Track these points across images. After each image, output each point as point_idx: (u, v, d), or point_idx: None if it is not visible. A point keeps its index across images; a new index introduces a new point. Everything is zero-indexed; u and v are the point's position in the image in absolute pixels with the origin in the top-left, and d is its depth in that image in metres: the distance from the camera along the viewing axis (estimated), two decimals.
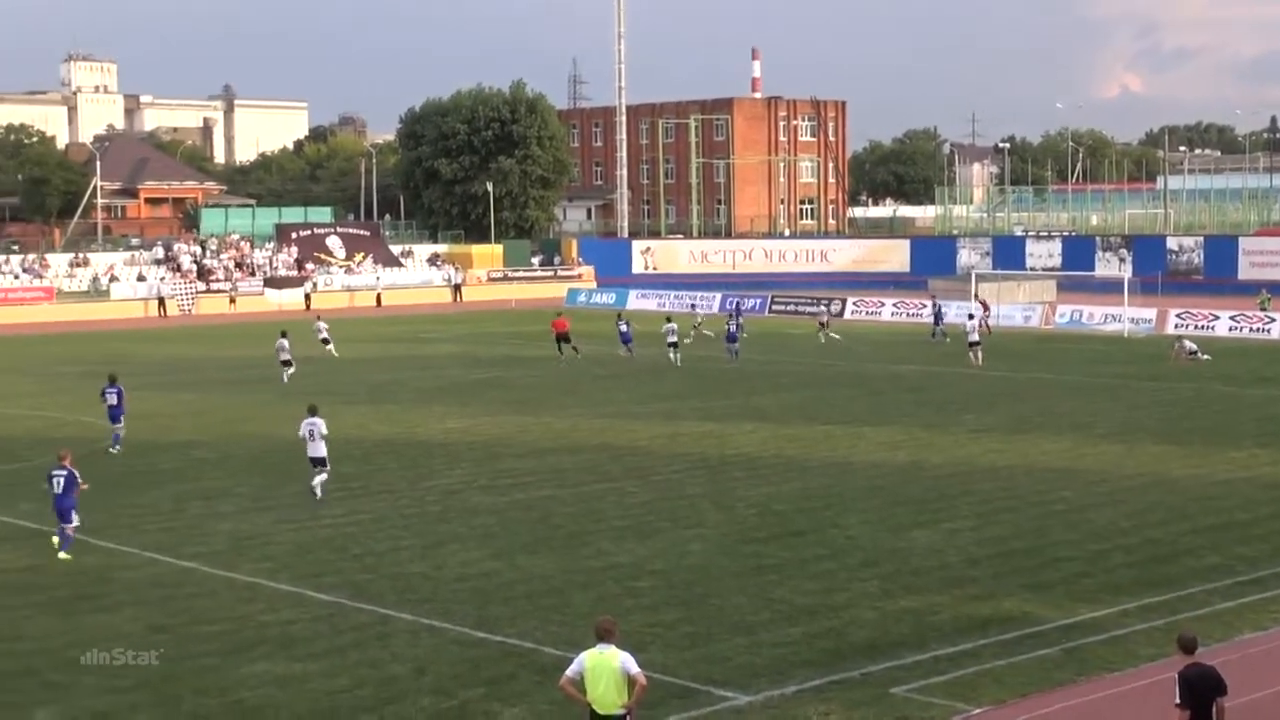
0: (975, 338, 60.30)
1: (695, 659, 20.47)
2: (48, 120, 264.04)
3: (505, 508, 31.15)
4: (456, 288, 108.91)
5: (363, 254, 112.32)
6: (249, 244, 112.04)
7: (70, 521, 27.24)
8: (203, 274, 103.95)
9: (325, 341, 63.52)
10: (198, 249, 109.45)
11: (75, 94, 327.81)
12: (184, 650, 21.05)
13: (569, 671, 15.19)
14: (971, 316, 62.70)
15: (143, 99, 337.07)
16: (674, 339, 59.82)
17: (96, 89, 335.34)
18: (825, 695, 19.01)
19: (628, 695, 15.03)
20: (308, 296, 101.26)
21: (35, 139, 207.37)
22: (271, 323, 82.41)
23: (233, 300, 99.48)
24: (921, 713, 18.37)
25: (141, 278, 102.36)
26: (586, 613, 22.21)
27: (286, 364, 54.97)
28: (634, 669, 15.05)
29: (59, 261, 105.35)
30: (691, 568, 25.74)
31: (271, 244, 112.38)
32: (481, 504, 31.56)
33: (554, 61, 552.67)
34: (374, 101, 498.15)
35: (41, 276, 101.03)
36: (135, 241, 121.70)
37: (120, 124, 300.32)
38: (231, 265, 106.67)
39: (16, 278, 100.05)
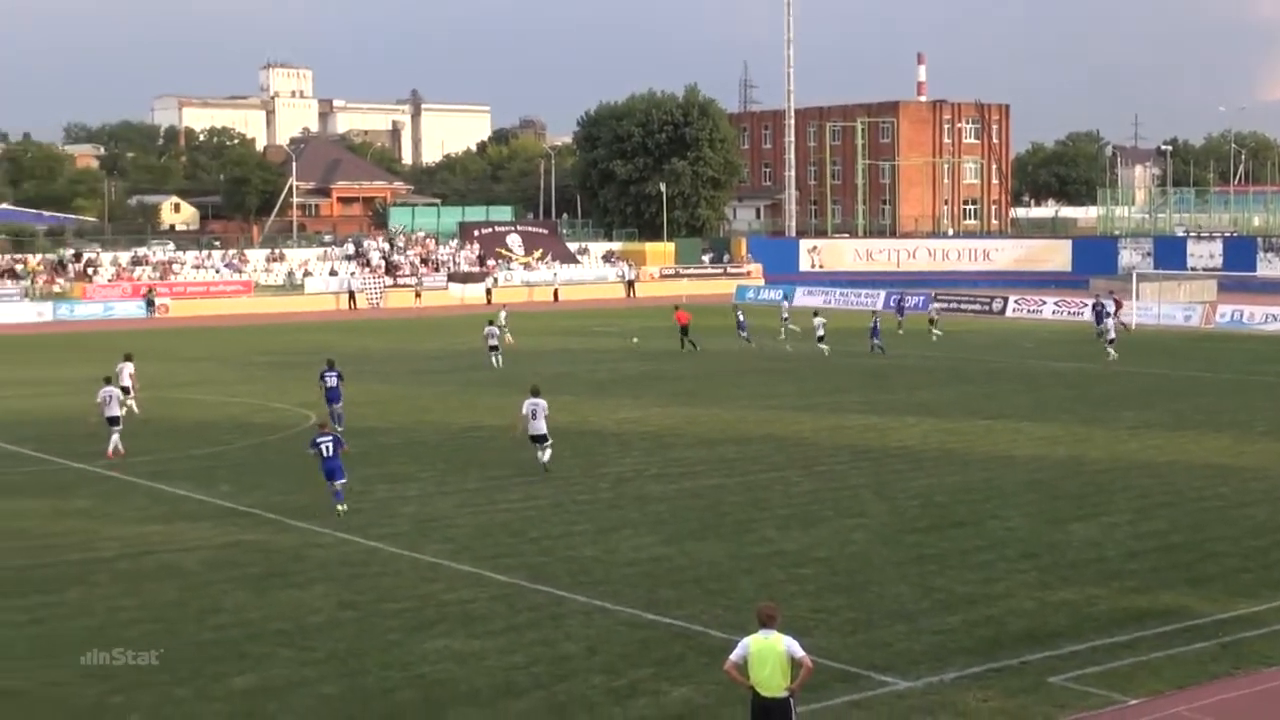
0: (1111, 334, 61.39)
1: (857, 644, 20.94)
2: (248, 123, 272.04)
3: (675, 495, 31.91)
4: (630, 284, 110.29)
5: (541, 251, 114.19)
6: (434, 241, 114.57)
7: (341, 478, 29.98)
8: (390, 269, 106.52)
9: (499, 334, 65.15)
10: (386, 245, 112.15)
11: (273, 99, 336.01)
12: (369, 626, 22.05)
13: (733, 656, 15.58)
14: (1106, 315, 63.47)
15: (336, 103, 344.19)
16: (822, 332, 62.19)
17: (293, 94, 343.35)
18: (984, 682, 19.33)
19: (791, 678, 15.44)
20: (489, 291, 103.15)
21: (236, 141, 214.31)
22: (454, 317, 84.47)
23: (418, 295, 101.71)
24: (1078, 701, 18.57)
25: (333, 272, 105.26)
26: (752, 597, 22.81)
27: (494, 349, 56.91)
28: (799, 653, 15.46)
29: (257, 257, 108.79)
30: (854, 556, 26.26)
31: (455, 241, 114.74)
32: (652, 492, 32.35)
33: (726, 66, 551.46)
34: (553, 105, 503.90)
35: (241, 271, 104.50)
36: (328, 238, 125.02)
37: (315, 127, 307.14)
38: (417, 261, 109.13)
39: (218, 272, 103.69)
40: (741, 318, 66.82)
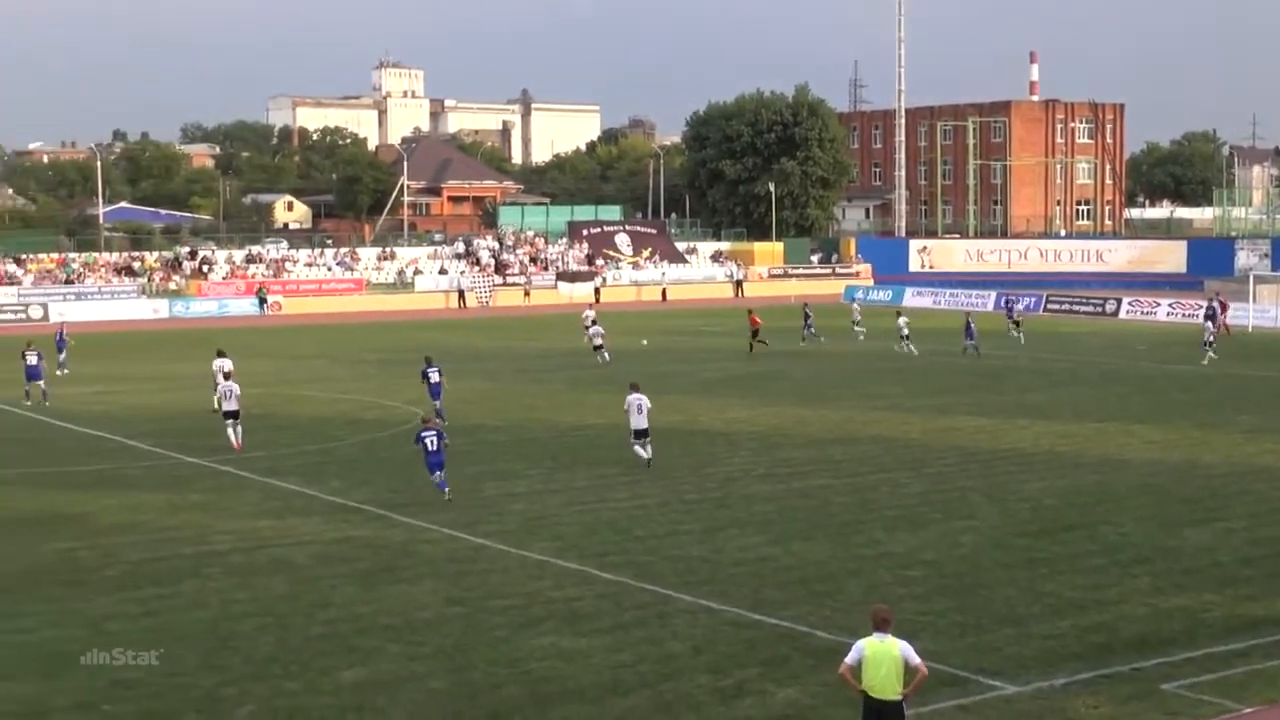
0: (1210, 337, 60.67)
1: (965, 648, 20.78)
2: (360, 123, 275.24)
3: (782, 495, 31.84)
4: (738, 284, 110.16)
5: (649, 250, 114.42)
6: (543, 240, 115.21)
7: (443, 469, 31.13)
8: (500, 268, 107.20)
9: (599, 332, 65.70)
10: (496, 244, 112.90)
11: (385, 99, 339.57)
12: (477, 622, 22.21)
13: (849, 659, 15.49)
14: (1211, 317, 62.74)
15: (447, 103, 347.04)
16: (906, 332, 62.40)
17: (405, 94, 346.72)
18: (1094, 689, 19.10)
19: (905, 683, 15.36)
20: (597, 290, 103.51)
21: (349, 141, 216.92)
22: (563, 315, 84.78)
23: (527, 293, 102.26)
24: (1191, 710, 18.31)
25: (443, 271, 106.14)
26: (859, 599, 22.80)
27: (599, 348, 57.24)
28: (915, 659, 15.38)
29: (368, 255, 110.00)
30: (962, 559, 26.06)
31: (564, 240, 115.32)
32: (760, 491, 32.30)
33: (835, 66, 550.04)
34: (662, 105, 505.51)
35: (352, 269, 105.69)
36: (438, 237, 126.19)
37: (426, 127, 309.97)
38: (526, 260, 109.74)
39: (330, 270, 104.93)
40: (809, 315, 67.94)
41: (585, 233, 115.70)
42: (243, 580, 24.79)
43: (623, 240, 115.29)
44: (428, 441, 31.15)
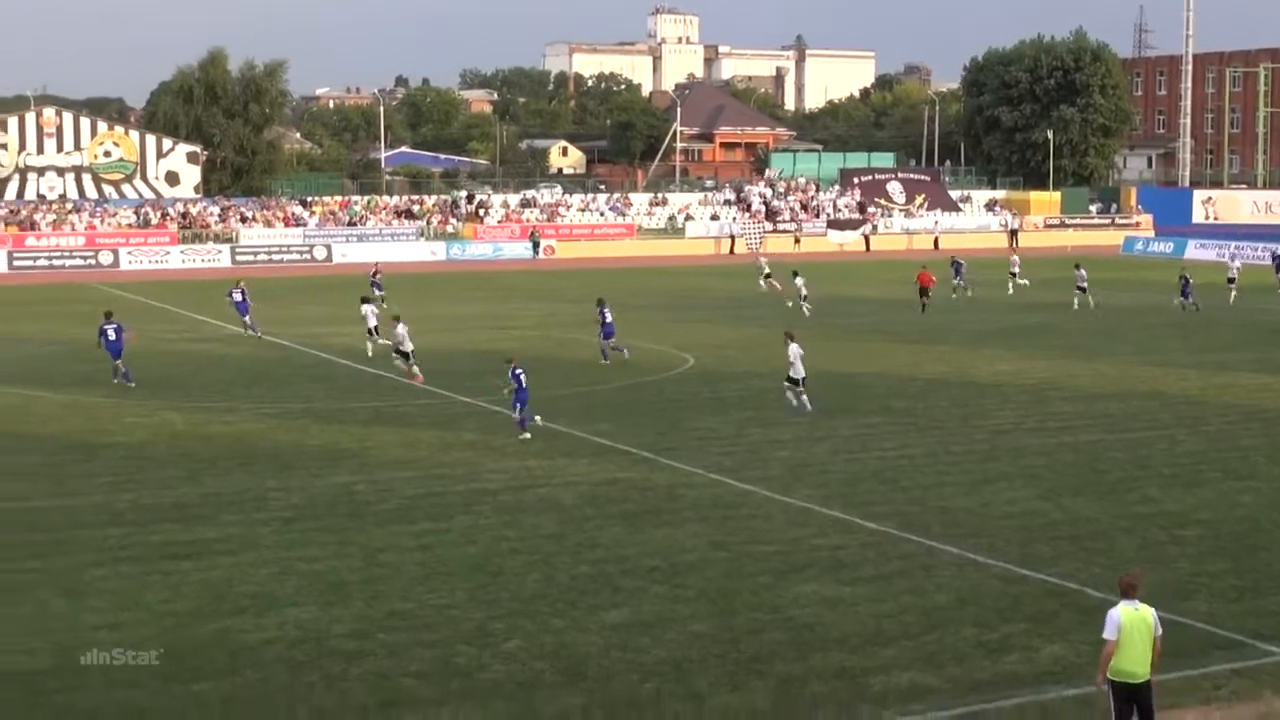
0: None
1: (1241, 611, 20.16)
2: (634, 69, 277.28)
3: (1053, 449, 31.22)
4: (1013, 233, 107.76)
5: (922, 198, 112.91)
6: (815, 187, 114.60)
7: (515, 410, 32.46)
8: (770, 215, 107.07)
9: (768, 276, 65.87)
10: (767, 191, 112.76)
11: (660, 45, 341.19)
12: (740, 567, 22.35)
13: (1108, 634, 14.87)
14: None
15: (721, 49, 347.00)
16: (1083, 284, 60.22)
17: (679, 40, 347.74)
18: None
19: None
20: (867, 238, 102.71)
21: (623, 87, 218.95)
22: (832, 263, 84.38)
23: (797, 240, 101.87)
24: None
25: (714, 217, 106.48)
26: (1131, 557, 22.30)
27: (805, 298, 57.40)
28: (1159, 628, 14.89)
29: (640, 201, 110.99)
30: (1241, 519, 25.23)
31: (835, 188, 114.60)
32: (1029, 445, 31.73)
33: (1119, 10, 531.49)
34: (939, 50, 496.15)
35: (624, 214, 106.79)
36: (709, 183, 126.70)
37: (699, 73, 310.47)
38: (797, 207, 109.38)
39: (603, 215, 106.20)
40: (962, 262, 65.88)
41: (857, 180, 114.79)
42: (512, 518, 25.34)
43: (895, 188, 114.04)
44: (521, 378, 32.32)
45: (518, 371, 32.44)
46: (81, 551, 23.18)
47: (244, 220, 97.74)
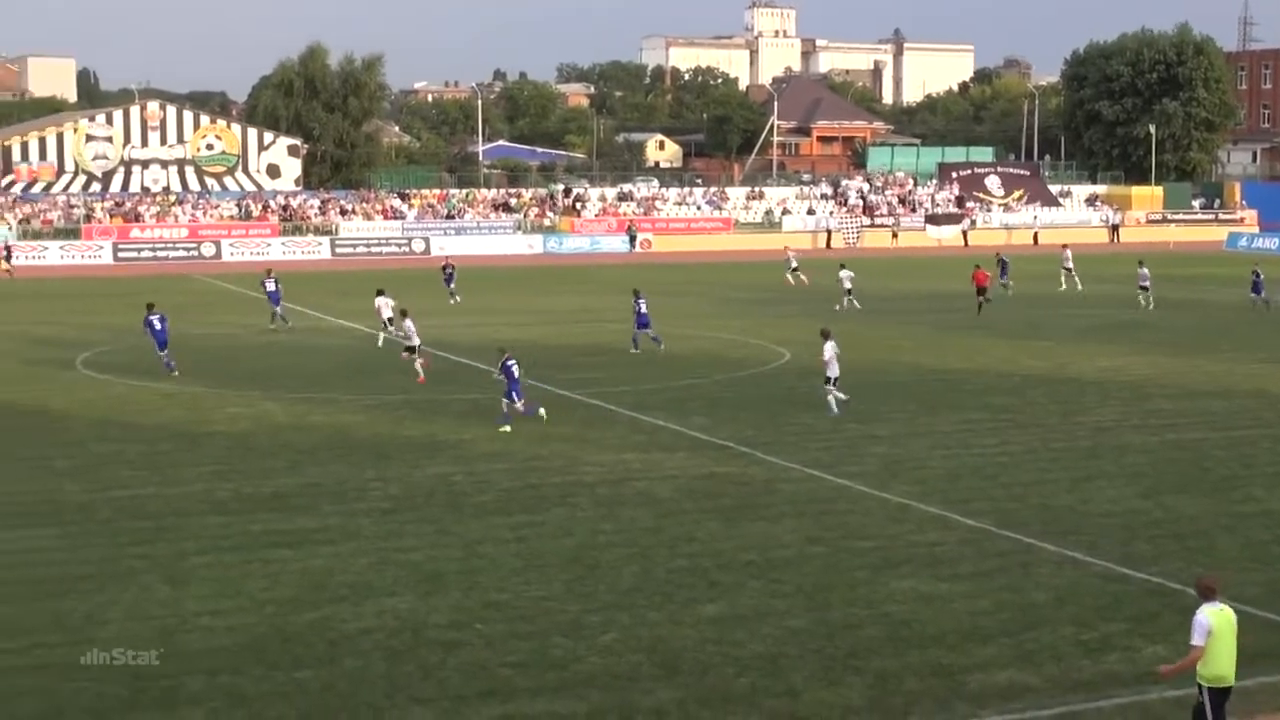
0: None
1: None
2: (731, 63, 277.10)
3: (1155, 447, 30.84)
4: (1114, 228, 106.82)
5: (1021, 193, 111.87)
6: (912, 181, 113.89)
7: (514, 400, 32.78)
8: (868, 209, 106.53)
9: (795, 269, 66.35)
10: (864, 185, 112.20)
11: (757, 38, 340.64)
12: (836, 562, 22.27)
13: (1198, 639, 14.51)
14: None
15: (818, 43, 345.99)
16: (1145, 283, 59.29)
17: (776, 34, 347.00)
18: None
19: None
20: (965, 233, 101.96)
21: (720, 81, 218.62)
22: (930, 258, 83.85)
23: (895, 235, 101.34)
24: None
25: (811, 211, 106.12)
26: (1234, 556, 22.07)
27: (848, 292, 57.39)
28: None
29: (737, 194, 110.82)
30: None
31: (933, 182, 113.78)
32: (1131, 442, 31.34)
33: (1224, 3, 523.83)
34: (1039, 44, 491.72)
35: (721, 208, 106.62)
36: (806, 177, 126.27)
37: (797, 66, 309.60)
38: (895, 201, 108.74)
39: (699, 209, 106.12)
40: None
41: (955, 174, 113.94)
42: (608, 511, 25.40)
43: (993, 182, 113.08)
44: (513, 370, 32.88)
45: (509, 363, 32.92)
46: (184, 539, 23.51)
47: (343, 213, 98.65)
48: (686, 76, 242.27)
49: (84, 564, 22.11)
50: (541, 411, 32.90)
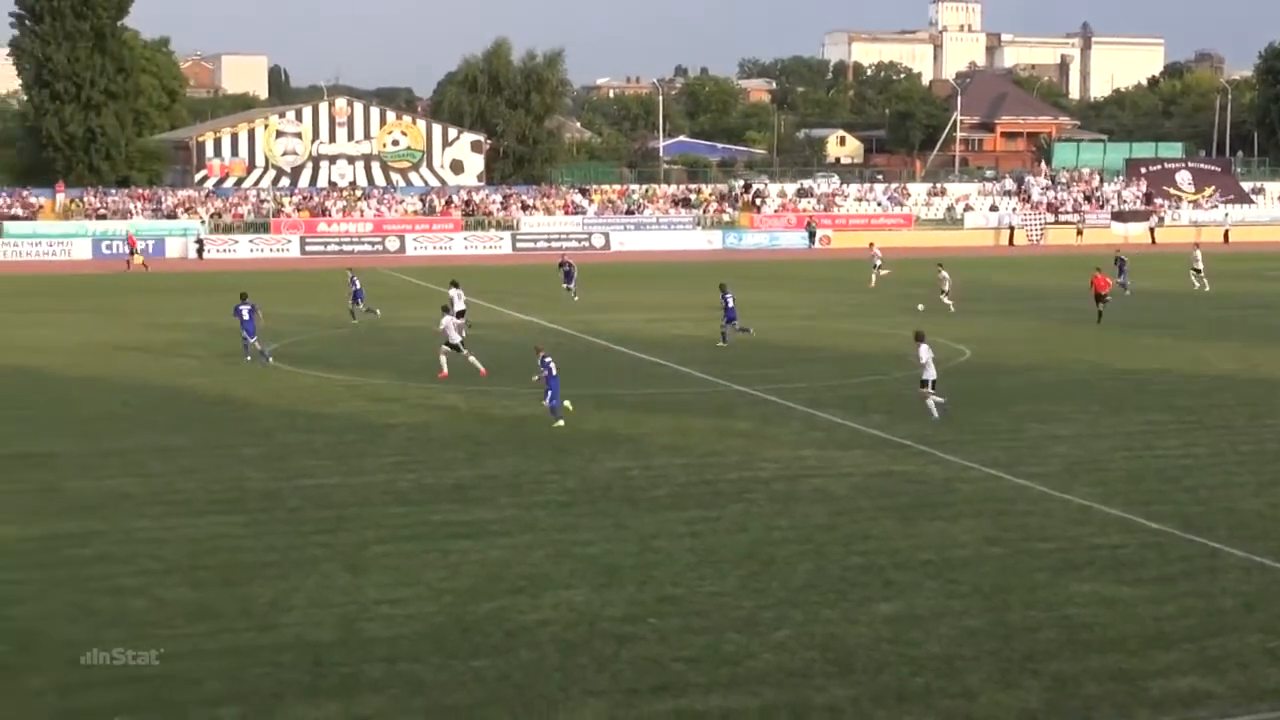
0: None
1: None
2: (915, 58, 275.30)
3: None
4: None
5: (1211, 189, 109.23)
6: (1099, 178, 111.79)
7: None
8: (1052, 206, 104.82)
9: (879, 267, 65.21)
10: (1049, 182, 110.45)
11: (941, 33, 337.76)
12: (1015, 563, 21.96)
13: None
14: None
15: (1003, 37, 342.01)
16: (1198, 265, 59.80)
17: (961, 28, 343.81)
18: None
19: None
20: (1152, 231, 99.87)
21: (902, 76, 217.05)
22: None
23: (1080, 232, 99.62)
24: None
25: (993, 208, 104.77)
26: None
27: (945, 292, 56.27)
28: None
29: (918, 191, 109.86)
30: None
31: (1120, 178, 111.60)
32: None
33: None
34: (1232, 37, 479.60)
35: (902, 204, 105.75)
36: (989, 173, 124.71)
37: (981, 61, 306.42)
38: (1080, 198, 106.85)
39: (879, 205, 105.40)
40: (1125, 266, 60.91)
41: (1143, 170, 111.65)
42: (784, 507, 25.34)
43: (1183, 178, 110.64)
44: (552, 367, 32.58)
45: (547, 360, 32.88)
46: (365, 528, 23.94)
47: (525, 208, 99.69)
48: (869, 72, 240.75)
49: (269, 551, 22.64)
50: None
